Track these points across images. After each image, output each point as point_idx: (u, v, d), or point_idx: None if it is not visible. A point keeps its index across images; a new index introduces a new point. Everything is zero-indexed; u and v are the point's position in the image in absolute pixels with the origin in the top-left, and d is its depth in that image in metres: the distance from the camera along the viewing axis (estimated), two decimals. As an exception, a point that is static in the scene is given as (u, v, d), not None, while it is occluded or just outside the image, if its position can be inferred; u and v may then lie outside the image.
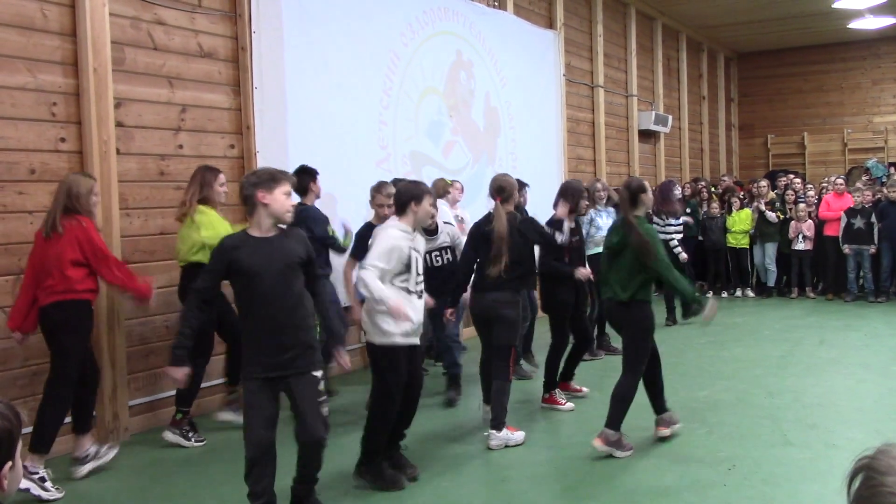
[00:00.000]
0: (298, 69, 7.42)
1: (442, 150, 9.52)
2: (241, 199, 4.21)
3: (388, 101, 8.65)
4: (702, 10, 15.69)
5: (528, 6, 11.63)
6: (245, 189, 4.13)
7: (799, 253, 12.47)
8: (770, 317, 10.79)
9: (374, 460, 4.84)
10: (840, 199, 12.21)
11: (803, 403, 6.65)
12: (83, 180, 5.16)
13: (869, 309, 11.40)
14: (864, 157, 18.11)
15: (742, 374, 7.44)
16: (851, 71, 19.01)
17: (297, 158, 7.27)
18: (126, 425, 6.02)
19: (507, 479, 5.09)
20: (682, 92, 17.07)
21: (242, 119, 7.06)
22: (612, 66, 14.04)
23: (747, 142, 20.26)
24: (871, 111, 18.90)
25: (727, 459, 5.27)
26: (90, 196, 5.13)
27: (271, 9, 7.18)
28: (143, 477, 5.29)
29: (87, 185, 5.14)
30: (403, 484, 4.85)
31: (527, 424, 6.11)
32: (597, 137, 13.32)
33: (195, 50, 6.71)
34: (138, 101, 6.25)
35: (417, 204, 4.84)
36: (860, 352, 8.74)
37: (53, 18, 5.68)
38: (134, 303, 5.58)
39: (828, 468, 5.15)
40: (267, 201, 4.07)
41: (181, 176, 6.47)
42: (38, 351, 5.51)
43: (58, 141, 5.70)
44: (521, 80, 11.10)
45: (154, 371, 6.33)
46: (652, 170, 15.51)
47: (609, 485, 4.92)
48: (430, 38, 9.35)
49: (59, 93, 5.71)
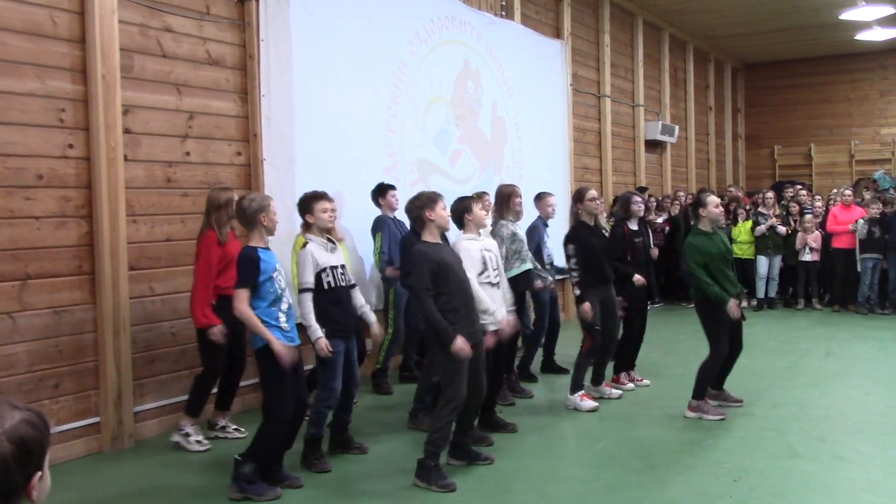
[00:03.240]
0: (306, 77, 7.43)
1: (449, 158, 9.53)
2: (413, 218, 5.39)
3: (395, 110, 8.66)
4: (709, 21, 15.70)
5: (536, 16, 11.65)
6: (413, 211, 5.31)
7: (805, 264, 12.44)
8: (776, 328, 10.75)
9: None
10: (848, 211, 12.17)
11: (810, 415, 6.62)
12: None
13: (876, 320, 11.36)
14: (871, 169, 18.08)
15: (748, 386, 7.41)
16: (859, 82, 18.98)
17: (303, 166, 7.29)
18: (130, 431, 6.01)
19: (511, 490, 5.08)
20: (688, 102, 17.07)
21: (250, 127, 7.07)
22: (619, 76, 14.04)
23: (754, 152, 20.24)
24: (878, 122, 18.87)
25: (733, 471, 5.24)
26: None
27: (279, 17, 7.19)
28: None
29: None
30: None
31: (534, 436, 6.10)
32: (603, 147, 13.32)
33: (203, 57, 6.73)
34: (146, 107, 6.27)
35: (469, 214, 5.62)
36: (867, 364, 8.70)
37: (63, 25, 5.70)
38: None
39: (835, 481, 5.12)
40: (433, 217, 5.22)
41: (188, 183, 6.49)
42: (42, 357, 5.53)
43: (66, 147, 5.72)
44: (528, 90, 11.11)
45: (159, 377, 6.33)
46: (658, 180, 15.49)
47: (613, 495, 4.90)
48: (438, 47, 9.36)
49: (68, 99, 5.73)
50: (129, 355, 6.00)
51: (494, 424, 6.15)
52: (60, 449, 5.59)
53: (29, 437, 1.65)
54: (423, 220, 5.27)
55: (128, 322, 5.99)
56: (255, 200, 4.97)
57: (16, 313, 5.40)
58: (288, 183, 7.07)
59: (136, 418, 6.11)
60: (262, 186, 6.94)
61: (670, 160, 15.93)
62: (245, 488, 4.83)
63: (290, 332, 4.98)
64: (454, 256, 5.31)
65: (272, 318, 4.87)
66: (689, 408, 6.51)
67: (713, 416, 6.45)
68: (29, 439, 1.65)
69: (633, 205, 7.72)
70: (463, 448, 5.45)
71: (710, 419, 6.41)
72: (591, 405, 6.81)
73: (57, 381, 5.64)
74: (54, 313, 5.63)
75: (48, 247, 5.60)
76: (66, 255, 5.72)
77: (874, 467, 5.38)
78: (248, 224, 4.97)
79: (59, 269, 5.67)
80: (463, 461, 5.42)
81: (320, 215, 5.31)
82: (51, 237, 5.62)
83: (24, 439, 1.64)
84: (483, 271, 5.61)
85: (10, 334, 5.37)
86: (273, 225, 5.00)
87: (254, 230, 4.94)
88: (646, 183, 14.24)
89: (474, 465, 5.41)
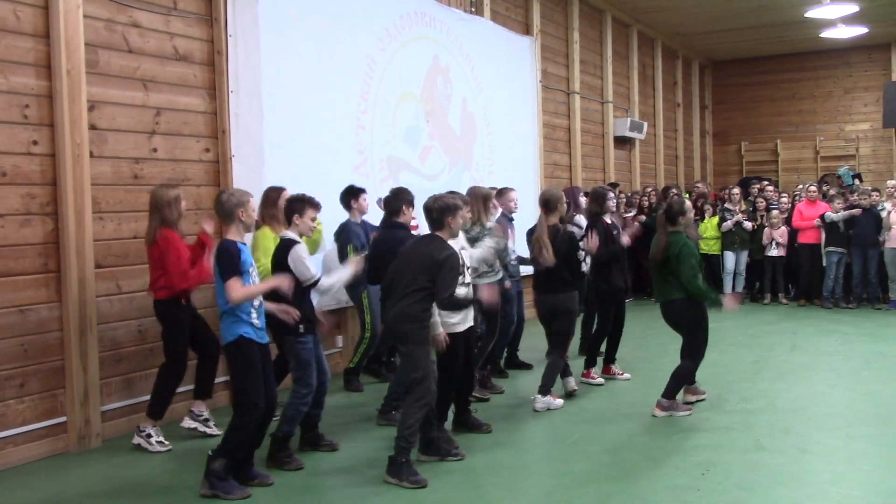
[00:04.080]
0: (275, 73, 7.39)
1: (419, 154, 9.52)
2: (431, 218, 5.35)
3: (365, 106, 8.64)
4: (676, 18, 15.82)
5: (505, 12, 11.67)
6: (434, 212, 5.35)
7: (772, 259, 12.59)
8: (743, 322, 10.87)
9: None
10: (813, 207, 12.33)
11: (776, 408, 6.71)
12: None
13: (840, 315, 11.53)
14: (836, 165, 18.33)
15: (715, 380, 7.49)
16: (824, 79, 19.23)
17: (272, 163, 7.25)
18: (98, 431, 5.95)
19: (482, 486, 5.10)
20: (657, 99, 17.19)
21: (218, 123, 7.02)
22: (588, 72, 14.11)
23: (721, 149, 20.43)
24: (842, 119, 19.12)
25: (700, 464, 5.30)
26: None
27: (248, 12, 7.14)
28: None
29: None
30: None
31: (504, 431, 6.13)
32: (572, 143, 13.38)
33: (170, 53, 6.66)
34: (112, 103, 6.20)
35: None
36: (832, 357, 8.84)
37: (26, 20, 5.62)
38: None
39: (800, 473, 5.20)
40: (453, 225, 5.39)
41: (155, 180, 6.42)
42: (7, 356, 5.45)
43: (30, 143, 5.64)
44: (498, 86, 11.13)
45: (127, 376, 6.27)
46: (627, 176, 15.59)
47: (583, 489, 4.94)
48: (408, 43, 9.35)
49: (32, 95, 5.65)
50: (95, 354, 5.93)
51: (470, 425, 6.13)
52: (26, 449, 5.53)
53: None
54: (443, 224, 5.33)
55: (94, 320, 5.92)
56: (235, 196, 4.99)
57: None
58: (256, 179, 7.02)
59: (104, 417, 6.05)
60: (230, 183, 6.89)
61: (639, 156, 16.04)
62: (215, 485, 4.81)
63: (260, 328, 4.97)
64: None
65: (244, 313, 4.87)
66: (658, 407, 6.53)
67: (682, 412, 6.50)
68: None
69: (608, 200, 7.84)
70: (434, 444, 5.46)
71: (679, 415, 6.47)
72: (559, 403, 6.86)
73: (22, 380, 5.56)
74: (19, 312, 5.55)
75: (12, 245, 5.52)
76: (31, 252, 5.64)
77: (838, 459, 5.47)
78: (225, 218, 4.98)
79: (24, 268, 5.59)
80: (434, 457, 5.43)
81: (308, 223, 5.36)
82: (15, 235, 5.54)
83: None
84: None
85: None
86: (251, 221, 5.04)
87: (230, 225, 4.96)
88: (615, 179, 14.32)
89: (445, 461, 5.42)
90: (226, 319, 4.89)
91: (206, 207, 6.59)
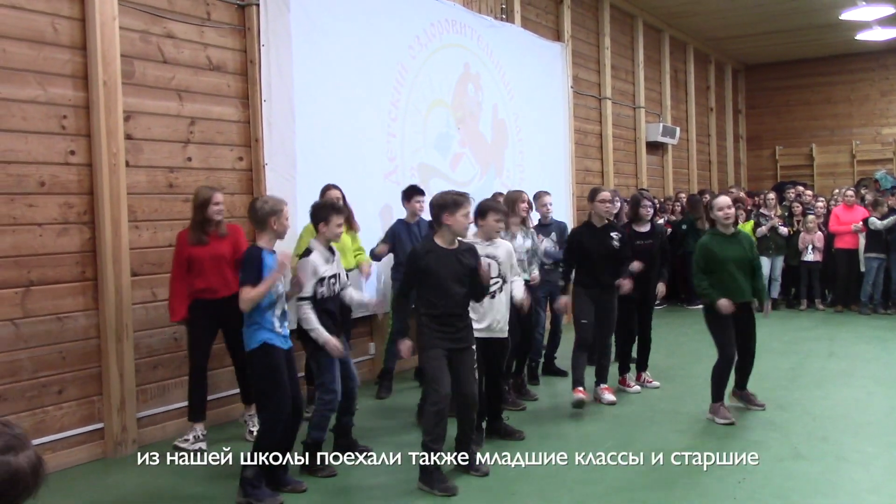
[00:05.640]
0: (307, 82, 7.44)
1: (450, 162, 9.53)
2: (433, 215, 5.31)
3: (396, 114, 8.67)
4: (709, 23, 15.71)
5: (536, 18, 11.66)
6: (434, 209, 5.27)
7: (808, 265, 12.43)
8: (779, 329, 10.74)
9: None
10: (850, 212, 12.16)
11: (813, 416, 6.61)
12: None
13: (879, 321, 11.35)
14: (872, 169, 18.08)
15: (751, 387, 7.37)
16: (859, 82, 18.98)
17: (305, 171, 7.30)
18: (134, 437, 6.02)
19: (515, 493, 5.08)
20: (689, 104, 17.07)
21: (251, 132, 7.08)
22: (620, 78, 14.05)
23: (755, 153, 20.23)
24: (879, 122, 18.86)
25: (737, 472, 5.24)
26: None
27: (280, 22, 7.21)
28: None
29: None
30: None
31: (537, 438, 6.11)
32: (604, 149, 13.33)
33: (204, 63, 6.74)
34: (147, 113, 6.28)
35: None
36: (870, 364, 8.70)
37: (64, 32, 5.72)
38: None
39: (839, 481, 5.12)
40: (450, 222, 5.17)
41: (189, 188, 6.49)
42: (45, 363, 5.53)
43: (67, 154, 5.73)
44: (529, 93, 11.12)
45: (163, 383, 6.34)
46: (660, 181, 15.49)
47: (617, 497, 4.90)
48: (438, 50, 9.37)
49: (69, 106, 5.74)
50: (132, 361, 6.00)
51: (503, 433, 6.12)
52: (64, 455, 5.60)
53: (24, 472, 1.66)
54: (440, 221, 5.25)
55: (131, 328, 6.00)
56: (269, 203, 5.04)
57: (19, 320, 5.41)
58: (289, 187, 7.08)
59: (140, 424, 6.11)
60: (263, 191, 6.94)
61: (672, 162, 15.94)
62: (249, 493, 4.84)
63: (283, 334, 5.02)
64: (450, 265, 5.19)
65: (266, 323, 4.91)
66: (709, 410, 6.56)
67: (721, 419, 6.43)
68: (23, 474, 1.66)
69: (643, 208, 7.69)
70: (428, 474, 5.14)
71: (718, 422, 6.40)
72: (609, 398, 7.00)
73: (60, 387, 5.65)
74: (57, 320, 5.64)
75: (51, 253, 5.61)
76: (69, 261, 5.72)
77: (877, 468, 5.38)
78: (258, 224, 5.03)
79: (62, 276, 5.68)
80: (427, 487, 5.07)
81: (335, 229, 5.34)
82: (53, 244, 5.63)
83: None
84: None
85: (14, 341, 5.38)
86: (284, 230, 5.06)
87: (263, 232, 4.99)
88: (647, 185, 14.24)
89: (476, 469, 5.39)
90: (249, 328, 4.94)
91: (239, 216, 6.65)
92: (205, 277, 5.92)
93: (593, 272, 6.97)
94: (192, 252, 5.91)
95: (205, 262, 5.92)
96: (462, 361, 5.23)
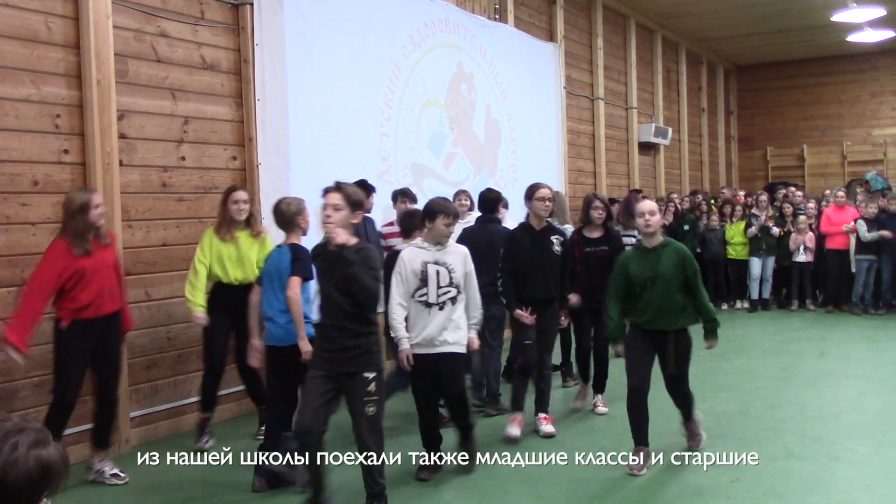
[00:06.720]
0: (300, 81, 7.44)
1: (443, 161, 9.54)
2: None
3: (389, 113, 8.67)
4: (701, 23, 15.76)
5: (529, 19, 11.68)
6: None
7: (799, 265, 12.47)
8: (770, 329, 10.79)
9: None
10: (841, 212, 12.21)
11: (805, 415, 6.64)
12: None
13: (870, 321, 11.41)
14: (863, 170, 18.16)
15: (743, 386, 7.44)
16: (850, 84, 19.07)
17: (298, 170, 7.29)
18: (127, 436, 6.00)
19: (508, 492, 5.08)
20: (681, 104, 17.12)
21: (245, 131, 7.08)
22: (613, 78, 14.09)
23: (747, 154, 20.30)
24: (869, 124, 18.95)
25: (730, 471, 5.25)
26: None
27: (273, 21, 7.20)
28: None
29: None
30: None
31: (533, 438, 6.11)
32: (597, 149, 13.36)
33: (198, 62, 6.73)
34: (141, 112, 6.27)
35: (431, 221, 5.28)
36: (861, 364, 8.74)
37: (57, 31, 5.70)
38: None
39: (831, 480, 5.15)
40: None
41: (183, 188, 6.49)
42: (39, 363, 5.51)
43: (61, 153, 5.71)
44: (522, 93, 11.14)
45: (155, 383, 6.32)
46: (652, 182, 15.53)
47: (611, 496, 4.91)
48: (432, 50, 9.38)
49: (63, 105, 5.73)
50: (124, 361, 5.97)
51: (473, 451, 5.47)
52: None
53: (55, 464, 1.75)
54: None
55: (124, 327, 5.97)
56: (293, 204, 5.24)
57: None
58: (282, 187, 7.07)
59: (132, 423, 6.10)
60: (257, 191, 6.94)
61: (664, 162, 15.98)
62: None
63: None
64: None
65: (309, 317, 5.10)
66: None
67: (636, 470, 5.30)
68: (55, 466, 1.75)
69: (593, 209, 6.74)
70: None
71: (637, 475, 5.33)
72: (547, 430, 6.17)
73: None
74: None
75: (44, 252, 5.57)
76: (62, 260, 5.69)
77: (870, 467, 5.41)
78: (286, 226, 5.22)
79: (55, 275, 5.64)
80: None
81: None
82: (46, 243, 5.54)
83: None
84: (419, 288, 5.17)
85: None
86: (307, 226, 5.30)
87: (291, 232, 5.20)
88: (640, 185, 14.27)
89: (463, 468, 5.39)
90: (291, 322, 5.06)
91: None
92: (89, 291, 5.09)
93: (531, 282, 6.09)
94: (78, 265, 5.04)
95: (92, 273, 5.10)
96: (350, 390, 4.42)
